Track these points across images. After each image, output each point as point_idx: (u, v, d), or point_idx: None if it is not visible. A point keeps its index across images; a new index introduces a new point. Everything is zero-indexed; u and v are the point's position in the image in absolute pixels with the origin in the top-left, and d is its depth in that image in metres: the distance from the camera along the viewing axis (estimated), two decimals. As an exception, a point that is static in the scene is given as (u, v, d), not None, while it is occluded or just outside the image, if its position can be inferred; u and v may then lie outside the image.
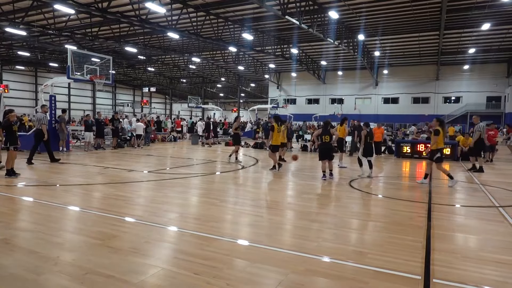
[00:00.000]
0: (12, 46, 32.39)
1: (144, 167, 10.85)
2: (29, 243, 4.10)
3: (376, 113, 40.97)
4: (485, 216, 5.77)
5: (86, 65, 14.71)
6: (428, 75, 38.77)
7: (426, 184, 8.59)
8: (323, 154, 9.15)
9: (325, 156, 9.12)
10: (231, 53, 33.39)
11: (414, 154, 14.89)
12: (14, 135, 8.34)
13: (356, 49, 28.97)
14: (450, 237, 4.64)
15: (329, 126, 9.48)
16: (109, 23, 24.35)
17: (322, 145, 9.24)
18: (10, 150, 8.24)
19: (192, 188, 7.95)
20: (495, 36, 27.43)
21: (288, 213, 5.82)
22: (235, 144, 13.04)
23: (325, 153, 9.13)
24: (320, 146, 9.37)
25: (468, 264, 3.68)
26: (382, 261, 3.69)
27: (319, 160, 9.28)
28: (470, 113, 37.10)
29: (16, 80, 42.80)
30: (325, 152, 9.14)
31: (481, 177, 9.96)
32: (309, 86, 44.87)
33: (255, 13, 22.76)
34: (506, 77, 35.83)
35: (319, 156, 9.31)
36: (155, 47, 30.42)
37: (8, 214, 5.33)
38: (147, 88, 50.06)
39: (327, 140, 9.17)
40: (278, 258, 3.73)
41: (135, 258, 3.66)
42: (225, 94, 63.89)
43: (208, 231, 4.61)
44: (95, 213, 5.41)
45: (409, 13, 22.50)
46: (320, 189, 8.05)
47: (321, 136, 9.26)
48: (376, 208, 6.37)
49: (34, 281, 3.12)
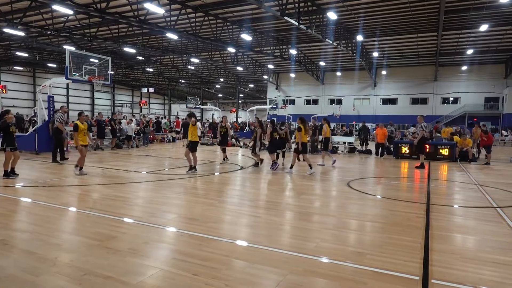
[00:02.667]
0: (10, 46, 32.31)
1: (143, 168, 10.84)
2: (27, 244, 4.09)
3: (375, 113, 41.02)
4: (483, 217, 5.79)
5: (85, 66, 14.67)
6: (426, 76, 38.84)
7: (312, 174, 9.83)
8: (274, 148, 11.22)
9: (275, 150, 11.26)
10: (230, 53, 33.36)
11: (413, 155, 14.90)
12: (11, 136, 8.31)
13: (354, 50, 29.01)
14: (448, 237, 4.65)
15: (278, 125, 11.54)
16: (108, 23, 24.30)
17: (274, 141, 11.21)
18: (6, 151, 8.23)
19: (191, 188, 7.95)
20: (493, 37, 27.50)
21: (287, 214, 5.83)
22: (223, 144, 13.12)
23: (277, 148, 11.29)
24: (271, 142, 11.27)
25: (466, 265, 3.69)
26: (380, 262, 3.69)
27: (269, 153, 11.23)
28: (468, 114, 37.21)
29: (14, 81, 42.69)
30: (276, 147, 11.27)
31: (480, 178, 10.00)
32: (308, 86, 44.89)
33: (254, 13, 22.76)
34: (504, 78, 35.90)
35: (270, 150, 11.27)
36: (153, 47, 30.39)
37: (6, 215, 5.32)
38: (145, 89, 50.00)
39: (276, 137, 11.22)
40: (276, 259, 3.74)
41: (134, 259, 3.65)
42: (224, 95, 63.88)
43: (206, 232, 4.60)
44: (94, 214, 5.40)
45: (408, 14, 22.55)
46: (318, 190, 8.06)
47: (272, 133, 11.11)
48: (374, 208, 6.37)
49: (32, 282, 3.11)
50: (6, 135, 8.25)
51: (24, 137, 14.21)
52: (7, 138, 8.25)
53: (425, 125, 12.09)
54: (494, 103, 37.03)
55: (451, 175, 10.96)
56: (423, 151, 12.39)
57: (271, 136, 11.24)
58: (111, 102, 55.93)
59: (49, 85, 15.04)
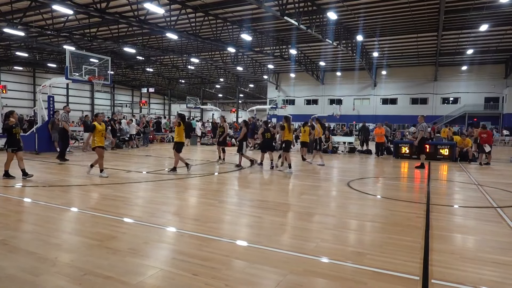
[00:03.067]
0: (10, 46, 32.31)
1: (143, 168, 10.84)
2: (27, 244, 4.09)
3: (375, 113, 41.02)
4: (483, 217, 5.79)
5: (85, 66, 14.69)
6: (426, 76, 38.85)
7: (290, 173, 10.03)
8: (265, 147, 11.49)
9: (267, 149, 11.45)
10: (230, 53, 33.36)
11: (413, 155, 14.90)
12: (14, 137, 8.25)
13: (354, 50, 29.02)
14: (448, 237, 4.65)
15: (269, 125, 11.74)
16: (108, 23, 24.30)
17: (265, 141, 11.36)
18: (8, 152, 8.20)
19: (191, 188, 7.95)
20: (493, 37, 27.51)
21: (287, 214, 5.82)
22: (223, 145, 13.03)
23: (267, 147, 11.45)
24: (263, 142, 11.54)
25: (466, 265, 3.69)
26: (380, 262, 3.69)
27: (262, 152, 11.63)
28: (468, 114, 37.21)
29: (14, 81, 42.69)
30: (266, 146, 11.47)
31: (480, 178, 10.00)
32: (308, 86, 44.89)
33: (254, 13, 22.76)
34: (504, 78, 35.90)
35: (262, 149, 11.70)
36: (153, 47, 30.39)
37: (6, 215, 5.31)
38: (145, 89, 49.99)
39: (268, 137, 11.33)
40: (276, 259, 3.74)
41: (134, 259, 3.65)
42: (224, 95, 63.86)
43: (206, 232, 4.60)
44: (94, 214, 5.40)
45: (408, 14, 22.55)
46: (318, 190, 8.05)
47: (264, 133, 11.28)
48: (374, 208, 6.37)
49: (32, 282, 3.11)
50: (9, 136, 8.22)
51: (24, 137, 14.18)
52: (9, 139, 8.21)
53: (424, 125, 12.14)
54: (494, 103, 37.04)
55: (451, 175, 10.96)
56: (423, 151, 12.43)
57: (263, 136, 11.34)
58: (111, 102, 55.93)
59: (49, 85, 15.06)
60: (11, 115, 8.31)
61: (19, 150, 8.35)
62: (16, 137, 8.28)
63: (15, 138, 8.26)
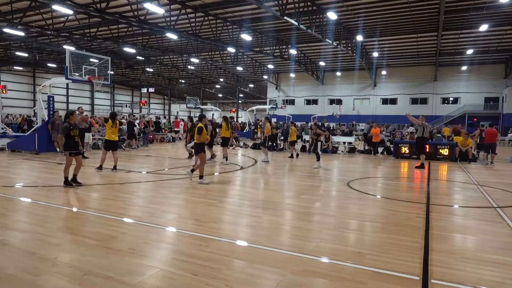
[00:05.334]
0: (10, 46, 32.30)
1: (143, 168, 10.84)
2: (27, 244, 4.09)
3: (375, 113, 41.02)
4: (483, 217, 5.79)
5: (85, 66, 14.66)
6: (426, 76, 38.85)
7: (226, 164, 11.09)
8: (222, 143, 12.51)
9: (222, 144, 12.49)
10: (230, 53, 33.36)
11: (413, 155, 14.89)
12: (73, 140, 7.63)
13: (354, 50, 29.02)
14: (448, 237, 4.65)
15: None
16: (108, 23, 24.31)
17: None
18: (66, 156, 7.62)
19: (191, 188, 7.94)
20: (493, 37, 27.51)
21: (287, 214, 5.83)
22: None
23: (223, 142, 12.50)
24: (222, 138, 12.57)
25: (466, 265, 3.69)
26: (380, 262, 3.69)
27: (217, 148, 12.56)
28: (468, 114, 37.21)
29: (14, 81, 42.68)
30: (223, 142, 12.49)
31: (480, 178, 10.00)
32: (308, 86, 44.89)
33: (254, 14, 22.76)
34: (504, 78, 35.91)
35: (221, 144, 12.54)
36: (153, 47, 30.38)
37: (6, 215, 5.32)
38: (145, 89, 49.98)
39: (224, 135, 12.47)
40: (276, 259, 3.74)
41: (134, 259, 3.65)
42: (224, 95, 63.85)
43: (206, 232, 4.60)
44: (94, 214, 5.40)
45: (408, 14, 22.55)
46: (318, 190, 8.05)
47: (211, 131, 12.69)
48: (374, 208, 6.37)
49: (32, 282, 3.11)
50: (66, 138, 7.58)
51: (24, 137, 14.21)
52: (66, 141, 7.59)
53: (426, 124, 12.17)
54: (494, 103, 37.06)
55: (451, 175, 10.96)
56: (423, 151, 12.44)
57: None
58: (111, 102, 55.93)
59: (49, 85, 15.04)
60: (71, 115, 7.74)
61: (78, 155, 7.75)
62: (74, 140, 7.65)
63: (73, 140, 7.64)
